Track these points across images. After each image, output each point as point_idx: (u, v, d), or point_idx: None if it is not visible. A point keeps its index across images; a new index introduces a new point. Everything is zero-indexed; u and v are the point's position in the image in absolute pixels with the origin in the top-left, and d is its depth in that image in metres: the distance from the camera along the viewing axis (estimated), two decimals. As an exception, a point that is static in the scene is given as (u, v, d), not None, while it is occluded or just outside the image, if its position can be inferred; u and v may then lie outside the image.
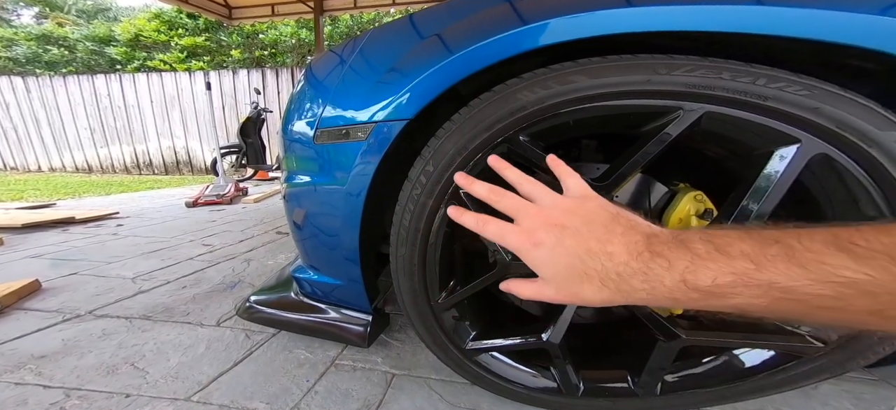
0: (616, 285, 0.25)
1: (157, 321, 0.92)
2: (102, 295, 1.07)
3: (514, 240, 0.30)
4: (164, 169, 6.56)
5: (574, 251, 0.27)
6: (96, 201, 3.13)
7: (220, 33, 6.58)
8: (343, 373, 0.72)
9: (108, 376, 0.71)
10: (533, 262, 0.29)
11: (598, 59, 0.42)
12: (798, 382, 0.48)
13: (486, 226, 0.32)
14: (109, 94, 6.37)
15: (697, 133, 0.40)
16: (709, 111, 0.38)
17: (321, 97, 0.61)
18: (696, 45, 0.41)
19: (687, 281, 0.22)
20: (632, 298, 0.25)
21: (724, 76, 0.37)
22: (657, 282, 0.23)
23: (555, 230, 0.28)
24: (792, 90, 0.35)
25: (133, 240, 1.73)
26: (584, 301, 0.27)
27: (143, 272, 1.27)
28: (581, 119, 0.44)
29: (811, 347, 0.43)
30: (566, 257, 0.27)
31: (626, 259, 0.25)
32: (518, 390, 0.61)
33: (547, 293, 0.29)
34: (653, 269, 0.23)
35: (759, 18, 0.35)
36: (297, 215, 0.69)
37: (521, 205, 0.32)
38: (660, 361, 0.50)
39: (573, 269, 0.27)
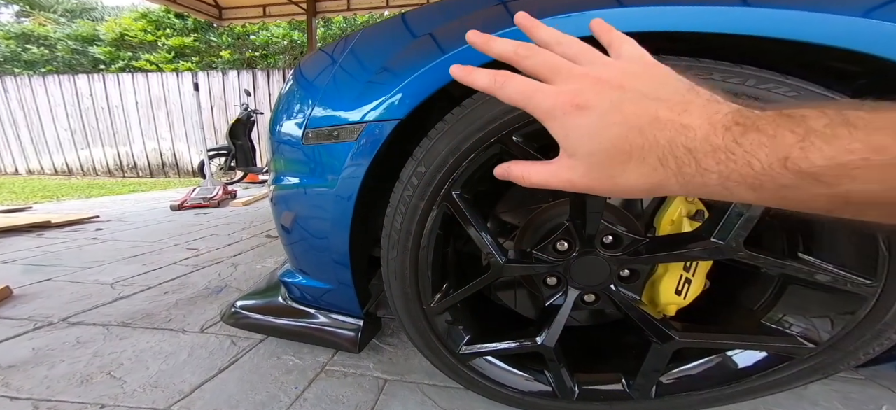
0: (678, 165, 0.20)
1: (136, 328, 0.89)
2: (78, 302, 1.03)
3: (548, 98, 0.23)
4: (149, 171, 6.39)
5: (634, 119, 0.21)
6: (75, 204, 3.02)
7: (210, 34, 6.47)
8: (333, 379, 0.70)
9: (82, 386, 0.67)
10: (571, 130, 0.22)
11: None
12: (790, 383, 0.48)
13: (506, 84, 0.25)
14: (92, 95, 6.19)
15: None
16: None
17: (311, 97, 0.59)
18: (686, 47, 0.41)
19: (790, 159, 0.17)
20: (693, 183, 0.20)
21: (714, 77, 0.37)
22: (744, 161, 0.18)
23: (611, 91, 0.22)
24: (780, 91, 0.36)
25: (113, 245, 1.67)
26: (622, 187, 0.22)
27: (123, 277, 1.23)
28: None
29: (803, 348, 0.44)
30: (620, 127, 0.21)
31: (707, 132, 0.19)
32: (512, 394, 0.60)
33: (572, 175, 0.23)
34: (742, 145, 0.18)
35: (745, 19, 0.36)
36: (285, 218, 0.67)
37: (562, 64, 0.24)
38: (654, 363, 0.50)
39: (625, 143, 0.21)
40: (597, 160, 0.22)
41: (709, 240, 0.40)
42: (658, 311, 0.54)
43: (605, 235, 0.51)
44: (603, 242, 0.51)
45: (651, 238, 0.48)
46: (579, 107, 0.22)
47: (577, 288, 0.54)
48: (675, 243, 0.45)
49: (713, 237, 0.40)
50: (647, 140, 0.20)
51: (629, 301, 0.52)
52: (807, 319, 0.44)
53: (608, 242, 0.51)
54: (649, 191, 0.22)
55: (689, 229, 0.47)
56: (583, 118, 0.22)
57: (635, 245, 0.48)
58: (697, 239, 0.42)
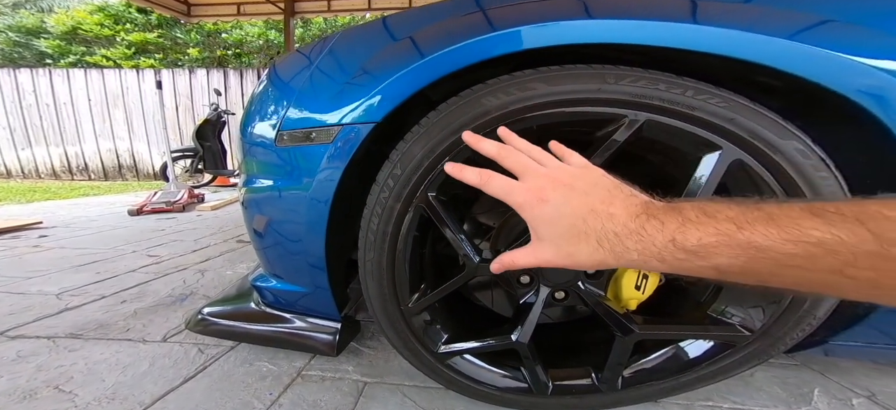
0: (611, 245, 0.27)
1: (88, 339, 0.82)
2: (18, 314, 0.93)
3: (520, 195, 0.31)
4: (103, 173, 5.90)
5: (578, 211, 0.28)
6: (14, 209, 2.73)
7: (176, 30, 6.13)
8: (311, 384, 0.68)
9: (25, 401, 0.61)
10: (537, 219, 0.30)
11: (556, 68, 0.45)
12: (734, 370, 0.53)
13: (490, 181, 0.33)
14: (36, 90, 5.65)
15: (641, 139, 0.44)
16: (649, 119, 0.42)
17: (286, 97, 0.59)
18: (645, 59, 0.45)
19: (675, 241, 0.24)
20: (623, 258, 0.27)
21: (660, 87, 0.41)
22: (649, 242, 0.25)
23: (563, 189, 0.30)
24: (714, 102, 0.41)
25: (60, 253, 1.53)
26: (578, 262, 0.29)
27: (70, 287, 1.13)
28: (542, 125, 0.47)
29: (740, 335, 0.49)
30: (570, 217, 0.28)
31: (625, 219, 0.27)
32: (490, 392, 0.62)
33: (544, 255, 0.30)
34: (646, 230, 0.26)
35: (686, 35, 0.40)
36: (257, 222, 0.66)
37: (530, 164, 0.33)
38: (618, 356, 0.53)
39: (574, 229, 0.28)
40: (558, 242, 0.29)
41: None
42: (621, 306, 0.58)
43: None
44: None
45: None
46: (542, 200, 0.30)
47: (548, 286, 0.57)
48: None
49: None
50: (588, 226, 0.28)
51: (595, 296, 0.56)
52: (744, 309, 0.50)
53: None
54: (598, 265, 0.28)
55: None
56: (545, 209, 0.30)
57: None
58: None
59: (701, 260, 0.24)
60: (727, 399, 0.65)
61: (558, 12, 0.45)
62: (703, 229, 0.23)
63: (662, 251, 0.25)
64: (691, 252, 0.24)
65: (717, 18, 0.40)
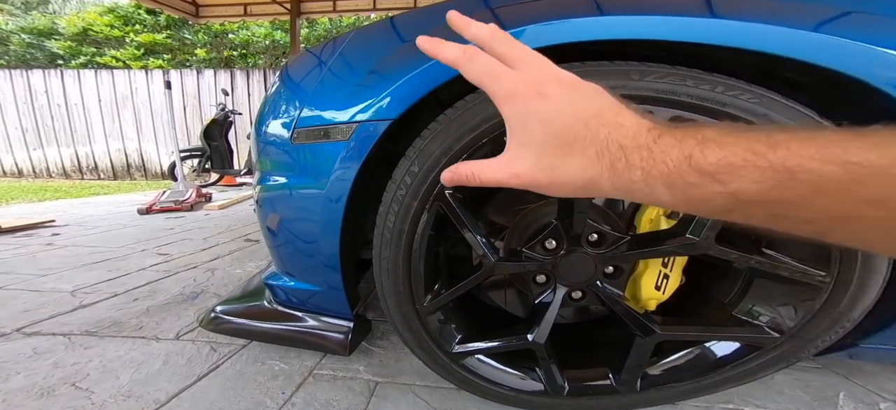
0: (611, 160, 0.23)
1: (103, 337, 0.83)
2: (33, 311, 0.94)
3: (512, 82, 0.25)
4: (112, 173, 5.98)
5: (582, 112, 0.23)
6: (27, 208, 2.78)
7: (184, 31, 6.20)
8: (322, 383, 0.68)
9: (43, 398, 0.62)
10: (528, 115, 0.25)
11: (578, 65, 0.44)
12: (759, 372, 0.52)
13: (474, 59, 0.26)
14: (47, 91, 5.74)
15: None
16: (676, 116, 0.41)
17: (301, 97, 0.59)
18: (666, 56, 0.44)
19: (692, 158, 0.20)
20: (622, 178, 0.23)
21: (688, 83, 0.40)
22: (660, 160, 0.21)
23: (567, 87, 0.25)
24: (745, 98, 0.40)
25: (73, 251, 1.55)
26: (558, 179, 0.24)
27: (84, 285, 1.14)
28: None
29: (769, 337, 0.48)
30: (570, 118, 0.23)
31: (635, 131, 0.23)
32: (505, 392, 0.61)
33: (519, 167, 0.25)
34: (659, 145, 0.22)
35: (714, 30, 0.39)
36: (271, 220, 0.66)
37: (529, 55, 0.27)
38: (638, 357, 0.52)
39: (571, 133, 0.23)
40: (543, 149, 0.24)
41: (684, 237, 0.43)
42: (640, 306, 0.57)
43: (590, 233, 0.53)
44: (589, 240, 0.54)
45: (632, 235, 0.51)
46: (541, 94, 0.24)
47: (565, 285, 0.57)
48: (654, 240, 0.47)
49: (688, 233, 0.43)
50: (590, 132, 0.23)
51: (614, 296, 0.55)
52: (773, 309, 0.48)
53: (593, 240, 0.54)
54: (583, 187, 0.24)
55: (666, 227, 0.50)
56: (542, 104, 0.24)
57: (618, 242, 0.51)
58: (674, 236, 0.45)
59: (718, 184, 0.20)
60: (748, 402, 0.64)
61: (578, 8, 0.44)
62: (728, 148, 0.20)
63: (673, 172, 0.21)
64: (709, 174, 0.20)
65: (745, 12, 0.39)
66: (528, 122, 0.25)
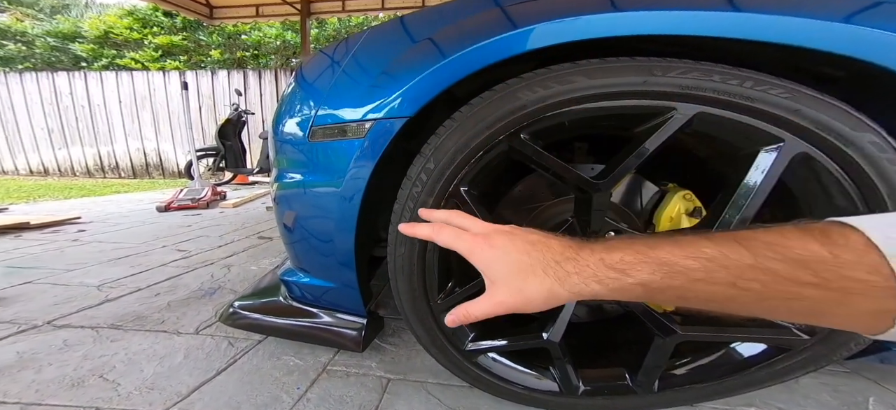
0: (554, 272, 0.29)
1: (127, 330, 0.86)
2: (63, 305, 0.99)
3: (468, 240, 0.34)
4: (132, 172, 6.19)
5: (522, 246, 0.31)
6: (54, 206, 2.90)
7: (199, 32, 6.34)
8: (336, 379, 0.69)
9: (74, 389, 0.64)
10: (486, 260, 0.32)
11: (597, 61, 0.43)
12: (785, 376, 0.50)
13: (440, 232, 0.36)
14: (72, 93, 5.97)
15: (689, 133, 0.42)
16: (701, 112, 0.40)
17: (316, 96, 0.59)
18: (683, 51, 0.43)
19: (604, 260, 0.28)
20: (567, 283, 0.29)
21: (714, 78, 0.39)
22: (584, 264, 0.28)
23: (505, 234, 0.33)
24: (775, 92, 0.38)
25: (97, 247, 1.61)
26: (529, 297, 0.30)
27: (109, 279, 1.18)
28: (579, 118, 0.45)
29: (798, 339, 0.46)
30: (516, 253, 0.31)
31: (561, 248, 0.30)
32: (518, 391, 0.61)
33: (498, 297, 0.32)
34: (581, 255, 0.29)
35: (740, 24, 0.38)
36: (288, 217, 0.67)
37: (473, 221, 0.37)
38: (657, 358, 0.51)
39: (521, 264, 0.31)
40: (508, 279, 0.31)
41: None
42: (660, 306, 0.56)
43: (607, 232, 0.52)
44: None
45: (652, 235, 0.49)
46: (490, 244, 0.33)
47: (580, 284, 0.56)
48: (676, 238, 0.46)
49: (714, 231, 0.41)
50: (532, 258, 0.31)
51: (631, 296, 0.54)
52: None
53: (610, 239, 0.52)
54: (547, 299, 0.30)
55: (687, 225, 0.49)
56: (493, 251, 0.32)
57: (638, 241, 0.49)
58: (698, 234, 0.43)
59: (628, 276, 0.27)
60: (770, 405, 0.62)
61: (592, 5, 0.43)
62: (623, 250, 0.27)
63: (596, 271, 0.28)
64: (618, 269, 0.27)
65: (771, 5, 0.37)
66: (490, 266, 0.32)
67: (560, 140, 0.59)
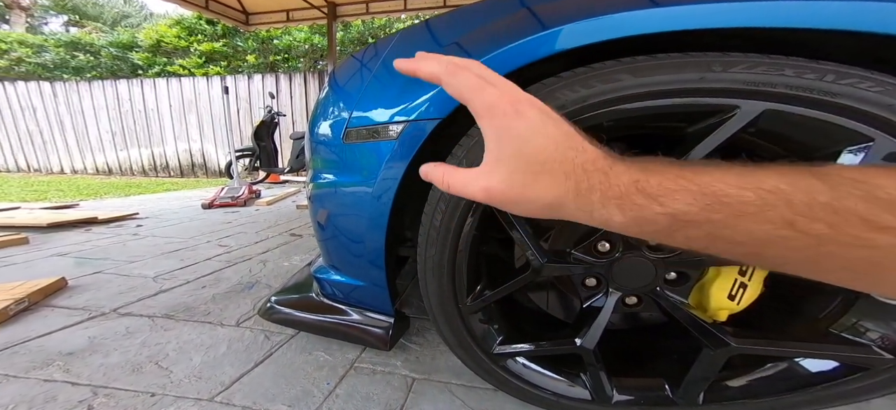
0: (576, 181, 0.25)
1: (178, 320, 0.93)
2: (125, 294, 1.09)
3: (491, 96, 0.26)
4: (180, 171, 6.73)
5: (553, 134, 0.25)
6: (117, 202, 3.22)
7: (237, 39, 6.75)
8: (363, 376, 0.71)
9: (134, 374, 0.71)
10: (507, 131, 0.26)
11: (644, 58, 0.40)
12: (858, 396, 0.45)
13: (458, 73, 0.27)
14: (130, 99, 6.59)
15: (753, 132, 0.38)
16: (769, 109, 0.36)
17: (350, 98, 0.60)
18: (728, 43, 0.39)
19: (638, 182, 0.23)
20: (584, 198, 0.24)
21: (787, 73, 0.35)
22: (614, 181, 0.24)
23: (538, 110, 0.26)
24: (864, 86, 0.33)
25: (152, 240, 1.77)
26: (527, 198, 0.25)
27: (163, 271, 1.29)
28: (623, 118, 0.42)
29: (880, 359, 0.40)
30: (543, 138, 0.25)
31: (595, 156, 0.25)
32: (546, 396, 0.59)
33: (490, 181, 0.26)
34: (614, 170, 0.24)
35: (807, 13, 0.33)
36: (321, 215, 0.69)
37: (500, 78, 0.28)
38: (704, 370, 0.47)
39: (543, 153, 0.25)
40: (517, 165, 0.26)
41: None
42: (708, 316, 0.51)
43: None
44: (649, 246, 0.49)
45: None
46: (518, 112, 0.26)
47: (618, 291, 0.53)
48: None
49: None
50: (560, 153, 0.25)
51: (676, 304, 0.50)
52: (888, 325, 0.41)
53: (654, 245, 0.49)
54: (548, 206, 0.25)
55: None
56: (519, 122, 0.26)
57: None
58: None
59: (659, 205, 0.22)
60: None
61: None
62: (664, 174, 0.23)
63: (624, 194, 0.23)
64: (651, 196, 0.23)
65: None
66: (504, 139, 0.26)
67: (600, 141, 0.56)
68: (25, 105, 6.79)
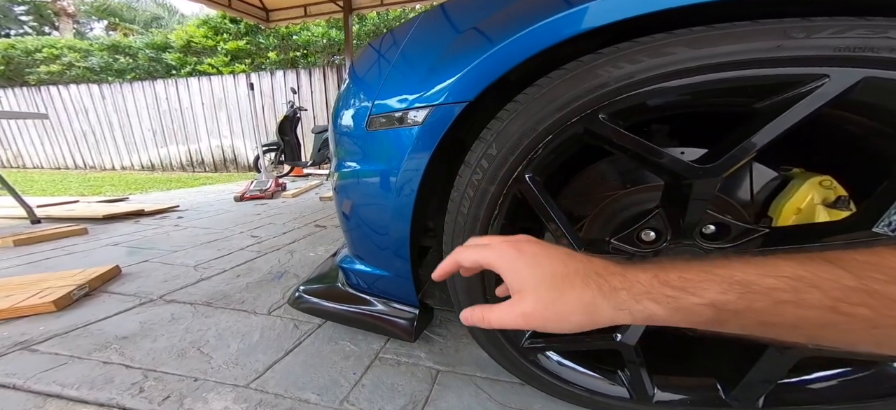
0: (597, 285, 0.26)
1: (216, 307, 0.98)
2: (170, 282, 1.16)
3: (494, 251, 0.31)
4: (213, 166, 7.11)
5: (557, 255, 0.28)
6: (160, 196, 3.45)
7: (259, 36, 6.91)
8: (388, 367, 0.71)
9: (179, 359, 0.75)
10: (514, 269, 0.29)
11: (702, 28, 0.35)
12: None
13: (463, 254, 0.33)
14: (167, 98, 6.99)
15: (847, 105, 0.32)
16: (869, 77, 0.30)
17: (372, 87, 0.58)
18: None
19: (658, 275, 0.24)
20: (614, 299, 0.25)
21: (892, 35, 0.29)
22: (634, 280, 0.25)
23: (534, 243, 0.30)
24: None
25: (192, 231, 1.87)
26: (562, 310, 0.27)
27: (202, 261, 1.37)
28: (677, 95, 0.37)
29: None
30: (549, 260, 0.28)
31: (602, 261, 0.27)
32: (578, 393, 0.56)
33: (524, 306, 0.28)
34: (629, 269, 0.26)
35: None
36: (346, 205, 0.68)
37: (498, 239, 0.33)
38: (769, 372, 0.42)
39: (555, 273, 0.27)
40: (539, 289, 0.28)
41: (868, 232, 0.32)
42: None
43: (706, 224, 0.43)
44: (703, 233, 0.44)
45: (774, 228, 0.40)
46: (519, 250, 0.30)
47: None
48: (812, 234, 0.36)
49: (877, 227, 0.31)
50: (569, 268, 0.27)
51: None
52: None
53: (710, 232, 0.44)
54: (585, 313, 0.26)
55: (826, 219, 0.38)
56: (522, 256, 0.29)
57: (749, 237, 0.40)
58: (849, 230, 0.33)
59: (693, 295, 0.23)
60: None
61: None
62: (680, 268, 0.24)
63: (649, 288, 0.24)
64: (678, 287, 0.23)
65: None
66: (518, 272, 0.29)
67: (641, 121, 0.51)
68: (79, 106, 7.38)
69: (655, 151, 0.38)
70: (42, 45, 7.59)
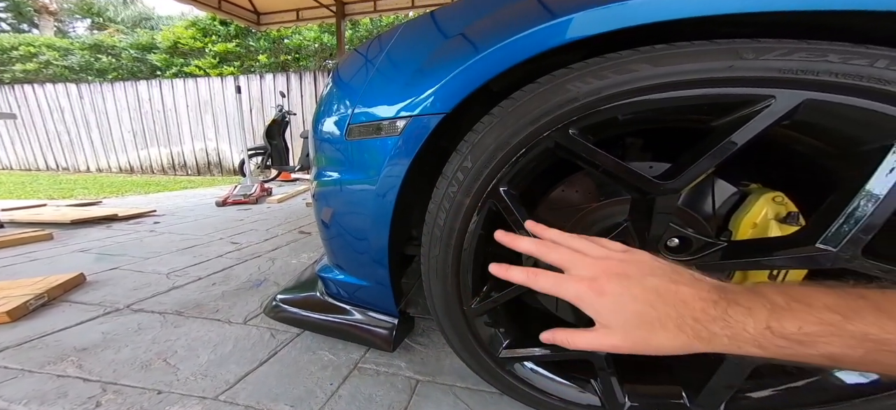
0: (694, 331, 0.24)
1: (188, 317, 0.94)
2: (140, 290, 1.11)
3: (573, 289, 0.29)
4: (196, 169, 6.92)
5: (643, 297, 0.27)
6: (137, 200, 3.32)
7: (249, 39, 6.86)
8: (366, 377, 0.70)
9: (142, 371, 0.72)
10: (597, 310, 0.28)
11: (663, 47, 0.37)
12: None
13: (537, 279, 0.31)
14: (150, 99, 6.81)
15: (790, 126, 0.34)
16: (809, 99, 0.32)
17: (352, 94, 0.59)
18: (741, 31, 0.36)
19: (772, 328, 0.22)
20: (713, 344, 0.24)
21: (831, 59, 0.31)
22: (739, 328, 0.23)
23: (618, 278, 0.28)
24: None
25: (168, 237, 1.81)
26: (657, 348, 0.26)
27: (176, 268, 1.32)
28: (640, 111, 0.39)
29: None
30: (635, 304, 0.27)
31: (701, 306, 0.25)
32: (554, 403, 0.57)
33: (612, 342, 0.28)
34: (732, 316, 0.23)
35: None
36: (325, 213, 0.68)
37: (575, 256, 0.31)
38: (727, 378, 0.44)
39: (643, 316, 0.26)
40: (627, 329, 0.27)
41: (813, 247, 0.34)
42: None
43: (669, 237, 0.45)
44: (667, 245, 0.46)
45: (731, 242, 0.42)
46: (599, 292, 0.28)
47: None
48: (764, 248, 0.38)
49: (819, 243, 0.33)
50: (659, 312, 0.26)
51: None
52: None
53: (673, 245, 0.46)
54: (683, 349, 0.25)
55: (778, 234, 0.41)
56: (604, 300, 0.28)
57: (709, 249, 0.42)
58: (796, 245, 0.35)
59: (808, 348, 0.21)
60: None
61: None
62: (801, 317, 0.22)
63: (758, 338, 0.23)
64: (794, 341, 0.22)
65: None
66: (602, 313, 0.28)
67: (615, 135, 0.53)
68: (54, 106, 7.10)
69: (620, 166, 0.40)
70: (19, 42, 7.32)
